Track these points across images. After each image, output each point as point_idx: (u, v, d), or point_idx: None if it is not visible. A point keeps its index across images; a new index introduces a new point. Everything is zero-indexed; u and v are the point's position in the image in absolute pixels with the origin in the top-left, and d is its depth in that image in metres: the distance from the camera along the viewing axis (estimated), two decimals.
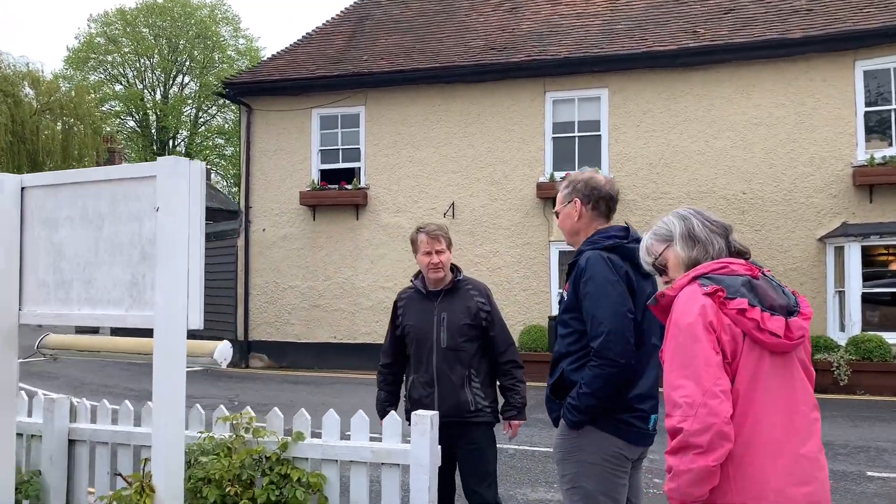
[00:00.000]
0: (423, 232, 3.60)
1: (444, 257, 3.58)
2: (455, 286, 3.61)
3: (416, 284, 3.70)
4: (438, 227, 3.66)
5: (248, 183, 14.64)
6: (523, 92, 13.11)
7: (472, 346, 3.54)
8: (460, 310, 3.55)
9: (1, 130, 28.49)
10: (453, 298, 3.60)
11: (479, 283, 3.71)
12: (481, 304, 3.58)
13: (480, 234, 13.22)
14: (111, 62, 46.01)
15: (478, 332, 3.55)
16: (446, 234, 3.65)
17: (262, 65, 15.19)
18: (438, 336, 3.54)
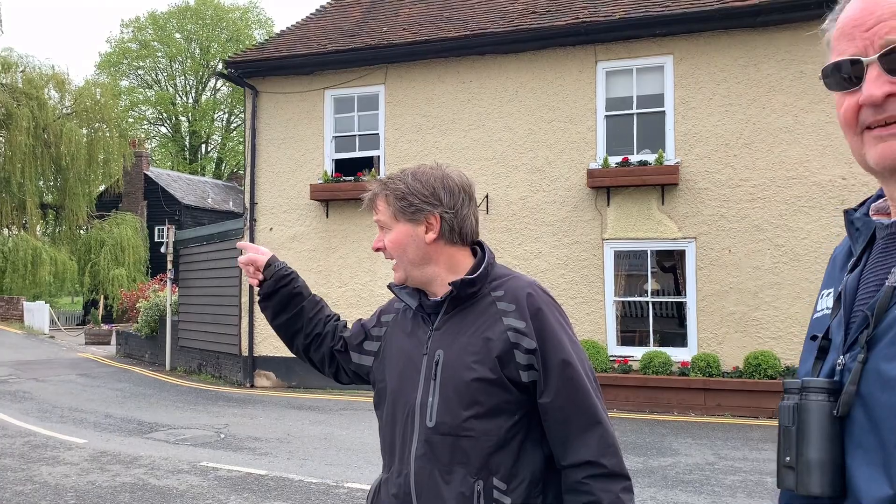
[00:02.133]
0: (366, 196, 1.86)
1: (391, 240, 1.77)
2: (467, 290, 1.71)
3: (401, 293, 1.83)
4: (385, 180, 1.81)
5: (254, 176, 12.81)
6: (570, 62, 11.02)
7: (492, 426, 1.63)
8: (472, 347, 1.66)
9: (24, 134, 27.49)
10: (465, 320, 1.71)
11: (518, 284, 1.74)
12: (516, 335, 1.65)
13: (520, 231, 11.14)
14: (143, 66, 45.22)
15: (509, 396, 1.64)
16: (398, 190, 1.75)
17: (270, 41, 13.40)
18: (424, 402, 1.69)
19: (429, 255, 1.72)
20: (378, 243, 1.77)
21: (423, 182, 1.72)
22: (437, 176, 1.74)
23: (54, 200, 30.70)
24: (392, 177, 1.77)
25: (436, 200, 1.71)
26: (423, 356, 1.71)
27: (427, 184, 1.72)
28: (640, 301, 10.86)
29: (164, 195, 32.23)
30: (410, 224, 1.72)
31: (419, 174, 1.75)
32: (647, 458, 7.37)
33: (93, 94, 31.36)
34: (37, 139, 28.47)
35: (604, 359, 10.28)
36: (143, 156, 33.52)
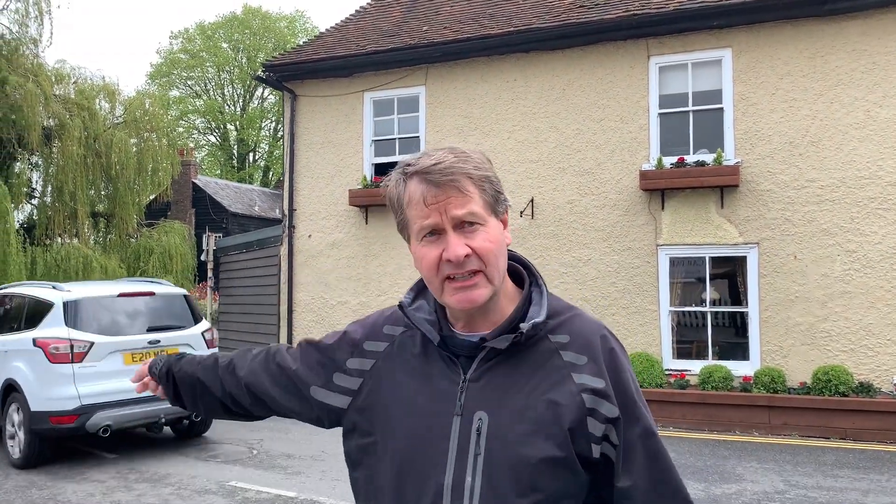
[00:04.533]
0: (413, 174, 1.26)
1: (485, 239, 1.22)
2: (531, 334, 1.25)
3: (415, 317, 1.33)
4: (456, 154, 1.27)
5: (292, 182, 12.51)
6: (621, 58, 10.42)
7: None
8: (533, 412, 1.21)
9: (77, 144, 27.92)
10: (517, 371, 1.24)
11: (590, 328, 1.29)
12: (593, 398, 1.22)
13: (567, 237, 10.56)
14: (192, 77, 45.90)
15: (576, 481, 1.22)
16: (481, 172, 1.26)
17: (308, 43, 13.10)
18: (459, 483, 1.19)
19: (503, 264, 1.28)
20: (460, 248, 1.20)
21: (489, 164, 1.29)
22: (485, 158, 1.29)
23: (105, 209, 31.11)
24: (460, 155, 1.27)
25: (503, 191, 1.29)
26: (455, 417, 1.23)
27: (491, 167, 1.29)
28: (697, 311, 10.17)
29: (212, 203, 32.47)
30: (499, 220, 1.29)
31: (485, 159, 1.30)
32: (709, 483, 6.73)
33: (143, 104, 31.74)
34: (88, 149, 28.87)
35: (658, 373, 9.62)
36: (191, 164, 33.82)
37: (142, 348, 7.95)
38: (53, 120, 28.05)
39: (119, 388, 7.54)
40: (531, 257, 10.64)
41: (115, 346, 7.78)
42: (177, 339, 8.21)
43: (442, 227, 1.22)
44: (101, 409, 7.50)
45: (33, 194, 30.62)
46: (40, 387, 7.47)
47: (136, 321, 8.15)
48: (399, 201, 1.28)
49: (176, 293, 8.81)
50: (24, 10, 28.45)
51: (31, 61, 27.99)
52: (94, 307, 7.93)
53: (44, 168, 30.44)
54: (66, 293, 7.96)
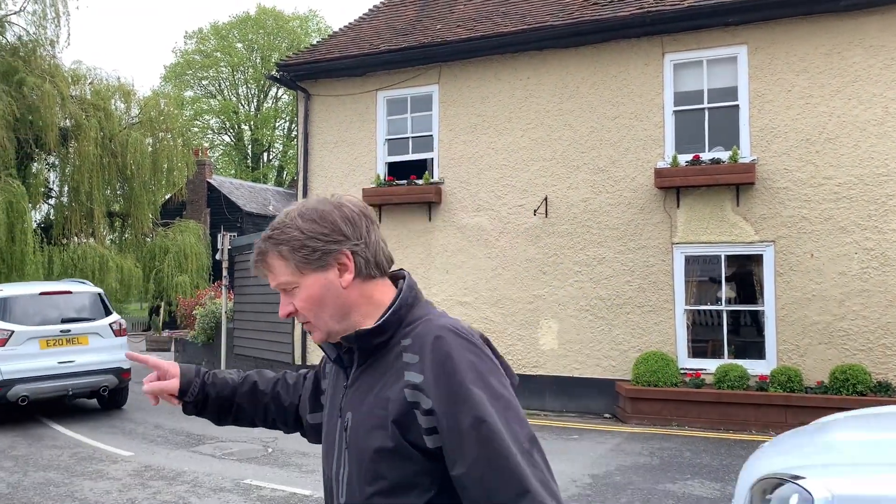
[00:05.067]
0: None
1: (302, 299, 1.47)
2: (371, 343, 1.46)
3: (323, 344, 1.56)
4: (270, 232, 1.50)
5: (307, 181, 12.54)
6: (635, 55, 10.37)
7: (403, 502, 1.36)
8: (375, 409, 1.39)
9: (93, 144, 28.14)
10: (374, 374, 1.44)
11: (427, 329, 1.42)
12: (413, 393, 1.36)
13: (581, 235, 10.52)
14: (207, 77, 46.14)
15: (416, 468, 1.35)
16: (290, 243, 1.46)
17: (322, 43, 13.12)
18: (338, 475, 1.46)
19: (348, 301, 1.46)
20: (287, 308, 1.47)
21: (317, 220, 1.45)
22: (330, 208, 1.47)
23: (120, 209, 31.35)
24: (277, 226, 1.47)
25: (340, 236, 1.45)
26: (339, 419, 1.48)
27: (324, 220, 1.45)
28: (712, 310, 10.10)
29: (227, 203, 32.64)
30: (321, 272, 1.44)
31: (309, 213, 1.46)
32: (725, 483, 6.68)
33: (158, 104, 31.98)
34: (104, 149, 29.09)
35: (674, 372, 9.57)
36: (206, 164, 34.04)
37: (54, 336, 9.87)
38: (70, 120, 28.32)
39: (34, 367, 9.55)
40: (545, 256, 10.62)
41: (32, 334, 9.68)
42: (86, 329, 10.13)
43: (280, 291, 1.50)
44: (19, 384, 9.39)
45: (50, 194, 30.92)
46: None
47: (53, 314, 10.01)
48: None
49: (91, 291, 10.73)
50: (42, 12, 28.71)
51: (48, 62, 28.27)
52: (19, 303, 9.86)
53: (60, 168, 30.75)
54: (1, 290, 10.03)
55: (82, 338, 10.14)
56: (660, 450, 8.01)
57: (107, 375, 10.22)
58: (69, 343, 10.05)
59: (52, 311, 10.05)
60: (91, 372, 10.06)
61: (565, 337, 10.53)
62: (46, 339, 9.79)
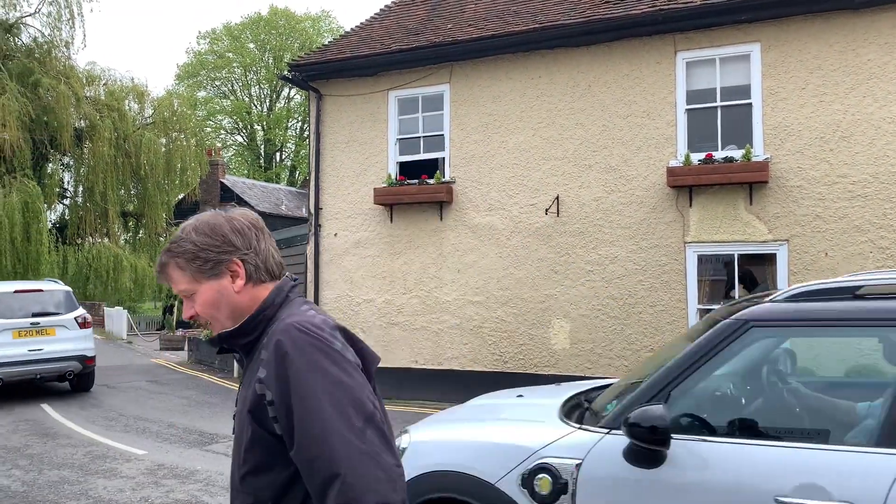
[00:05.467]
0: None
1: (201, 303, 1.66)
2: (243, 337, 1.67)
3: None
4: (169, 245, 1.70)
5: (318, 181, 12.58)
6: (647, 53, 10.32)
7: (267, 482, 1.56)
8: (245, 401, 1.61)
9: (107, 144, 28.35)
10: (249, 370, 1.66)
11: (277, 327, 1.59)
12: (260, 386, 1.54)
13: (593, 235, 10.49)
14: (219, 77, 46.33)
15: (272, 450, 1.55)
16: (187, 255, 1.65)
17: (333, 43, 13.15)
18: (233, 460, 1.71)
19: (241, 304, 1.64)
20: (189, 311, 1.67)
21: (209, 233, 1.64)
22: (221, 221, 1.66)
23: (134, 209, 31.57)
24: (175, 240, 1.67)
25: (230, 247, 1.64)
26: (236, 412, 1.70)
27: (215, 233, 1.64)
28: None
29: (240, 202, 32.73)
30: (214, 280, 1.63)
31: (202, 227, 1.65)
32: None
33: (171, 104, 32.17)
34: (118, 150, 29.29)
35: None
36: (219, 164, 34.18)
37: (25, 328, 11.35)
38: (84, 121, 28.56)
39: (7, 354, 11.02)
40: (556, 255, 10.60)
41: (5, 326, 11.13)
42: (53, 322, 11.61)
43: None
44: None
45: (65, 194, 31.20)
46: None
47: (25, 309, 11.43)
48: None
49: (60, 289, 12.22)
50: (57, 14, 28.96)
51: (62, 63, 28.50)
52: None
53: (75, 168, 31.01)
54: None
55: (50, 329, 11.56)
56: None
57: (71, 362, 11.67)
58: (38, 334, 11.45)
59: (24, 306, 11.49)
60: (57, 359, 11.51)
61: (577, 336, 10.51)
62: (18, 331, 11.26)
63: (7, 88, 25.08)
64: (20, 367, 11.21)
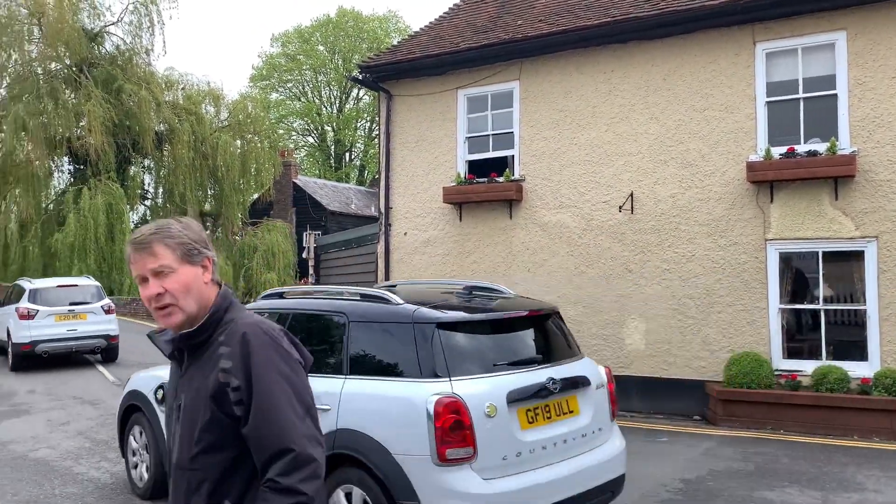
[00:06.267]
0: (129, 242, 1.94)
1: (175, 282, 1.85)
2: (193, 341, 1.90)
3: (157, 340, 2.01)
4: (155, 229, 1.90)
5: (388, 180, 12.68)
6: (725, 45, 9.99)
7: (216, 459, 1.83)
8: (200, 390, 1.85)
9: (185, 147, 29.37)
10: (199, 364, 1.89)
11: (237, 327, 1.87)
12: (225, 375, 1.81)
13: (669, 232, 10.23)
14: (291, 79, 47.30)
15: (229, 432, 1.82)
16: (176, 238, 1.88)
17: (403, 43, 13.22)
18: (172, 442, 1.95)
19: (204, 294, 1.88)
20: (156, 289, 1.82)
21: (195, 230, 1.92)
22: (197, 227, 1.94)
23: (212, 209, 32.53)
24: (162, 228, 1.88)
25: (205, 246, 1.92)
26: (173, 399, 1.95)
27: (196, 233, 1.92)
28: (809, 309, 9.64)
29: (312, 202, 33.38)
30: (193, 266, 1.86)
31: (186, 225, 1.91)
32: (827, 492, 6.35)
33: (245, 107, 33.01)
34: (196, 152, 30.24)
35: (767, 373, 9.17)
36: (292, 165, 34.88)
37: (64, 313, 14.44)
38: (164, 125, 29.61)
39: (51, 332, 14.19)
40: (631, 253, 10.40)
41: (49, 312, 14.33)
42: (85, 309, 14.62)
43: (144, 276, 1.84)
44: (41, 343, 14.17)
45: (146, 196, 32.43)
46: (17, 330, 14.20)
47: (64, 299, 14.64)
48: (128, 261, 1.92)
49: (91, 284, 15.45)
50: (138, 22, 30.11)
51: (143, 70, 29.60)
52: (42, 292, 14.61)
53: (156, 171, 32.19)
54: (32, 285, 14.87)
55: (83, 314, 14.62)
56: (755, 455, 7.70)
57: (99, 339, 14.65)
58: (74, 318, 14.55)
59: (64, 297, 14.71)
60: (88, 337, 14.58)
61: (653, 337, 10.27)
62: (59, 315, 14.39)
63: (92, 95, 26.22)
64: (60, 343, 14.33)
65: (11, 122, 25.36)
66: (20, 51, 27.40)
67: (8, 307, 15.07)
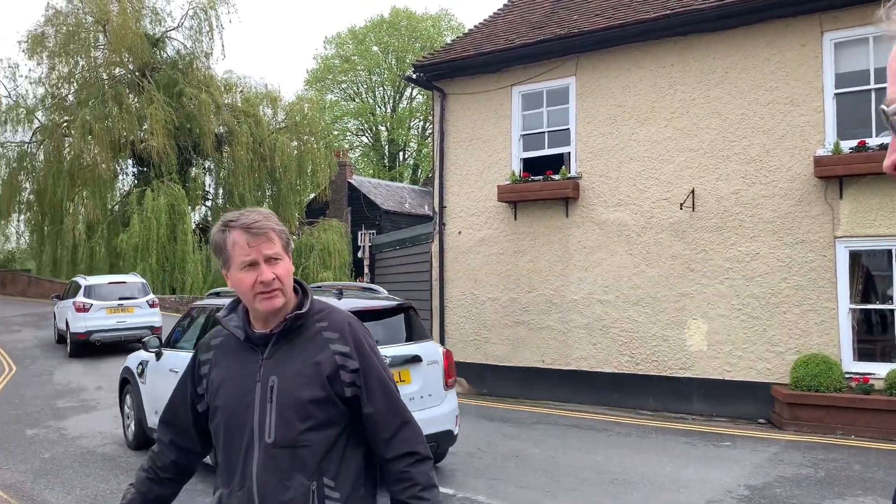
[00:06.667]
0: (238, 227, 1.97)
1: (283, 269, 1.97)
2: (297, 323, 1.99)
3: (228, 325, 2.04)
4: (263, 215, 2.00)
5: (442, 180, 12.64)
6: (790, 36, 9.63)
7: (323, 436, 1.93)
8: (304, 371, 1.93)
9: (244, 149, 29.94)
10: (293, 348, 1.97)
11: (340, 316, 2.05)
12: (342, 358, 1.96)
13: (733, 230, 9.92)
14: (345, 80, 47.77)
15: (337, 410, 1.94)
16: (280, 228, 2.01)
17: (457, 41, 13.16)
18: (262, 423, 1.92)
19: (291, 282, 2.01)
20: (269, 274, 1.92)
21: (284, 227, 2.03)
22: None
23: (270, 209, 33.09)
24: (268, 216, 1.99)
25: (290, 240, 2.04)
26: (257, 383, 1.93)
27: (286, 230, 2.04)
28: (882, 309, 9.21)
29: (366, 201, 33.65)
30: (289, 258, 2.00)
31: (279, 222, 2.04)
32: None
33: (301, 109, 33.47)
34: (254, 153, 30.79)
35: (837, 376, 8.80)
36: (347, 165, 35.23)
37: (114, 307, 16.00)
38: (223, 127, 30.23)
39: (103, 324, 15.78)
40: (692, 252, 10.13)
41: (102, 305, 15.96)
42: (132, 304, 16.19)
43: (256, 260, 1.92)
44: (95, 333, 15.72)
45: (207, 196, 33.18)
46: (74, 321, 15.80)
47: (114, 294, 16.30)
48: (223, 244, 1.96)
49: (138, 281, 17.10)
50: (198, 27, 30.82)
51: (203, 73, 30.28)
52: (97, 287, 16.26)
53: (215, 172, 32.88)
54: (87, 281, 16.55)
55: (130, 308, 16.22)
56: (824, 461, 7.39)
57: (144, 330, 15.34)
58: (122, 311, 16.14)
59: (114, 292, 16.38)
60: (135, 328, 15.94)
61: (715, 338, 9.97)
62: (110, 308, 16.04)
63: (154, 99, 26.95)
64: (110, 333, 15.95)
65: (79, 127, 26.27)
66: (87, 57, 28.35)
67: (66, 301, 16.60)
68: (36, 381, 13.42)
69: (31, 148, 28.94)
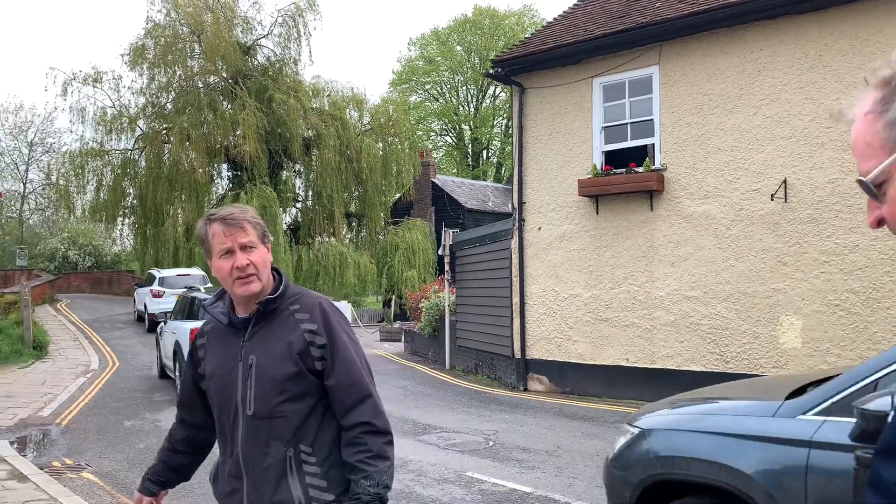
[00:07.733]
0: (216, 220, 2.21)
1: (258, 256, 2.18)
2: (271, 307, 2.21)
3: (213, 311, 2.30)
4: (240, 209, 2.25)
5: (521, 175, 12.51)
6: (890, 14, 9.00)
7: (298, 406, 2.16)
8: (278, 350, 2.17)
9: (332, 151, 30.63)
10: (270, 329, 2.21)
11: (311, 299, 2.27)
12: (311, 335, 2.17)
13: (829, 221, 9.37)
14: (429, 81, 48.14)
15: (309, 383, 2.17)
16: (255, 220, 2.24)
17: (535, 35, 13.00)
18: (244, 397, 2.18)
19: (269, 271, 2.22)
20: (244, 260, 2.14)
21: (261, 220, 2.27)
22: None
23: (356, 210, 33.72)
24: (244, 209, 2.25)
25: (268, 232, 2.29)
26: (239, 362, 2.19)
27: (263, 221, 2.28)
28: None
29: (450, 200, 33.81)
30: (266, 246, 2.22)
31: (253, 212, 2.28)
32: None
33: (386, 111, 33.94)
34: (341, 155, 31.42)
35: None
36: (430, 165, 35.50)
37: (181, 293, 15.94)
38: (311, 131, 31.00)
39: (170, 307, 15.77)
40: (785, 245, 9.64)
41: (171, 292, 18.77)
42: (196, 292, 16.44)
43: (232, 248, 2.14)
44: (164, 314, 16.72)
45: (297, 199, 34.12)
46: (151, 305, 20.11)
47: (182, 283, 19.72)
48: (205, 236, 2.19)
49: (199, 273, 20.85)
50: (287, 34, 31.73)
51: (291, 79, 31.16)
52: (168, 278, 20.60)
53: (305, 174, 33.77)
54: (160, 273, 21.08)
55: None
56: None
57: None
58: None
59: (181, 282, 19.93)
60: None
61: (811, 335, 9.44)
62: (177, 294, 17.27)
63: (247, 105, 27.91)
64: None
65: (177, 134, 27.51)
66: (184, 67, 29.67)
67: (144, 288, 21.54)
68: (136, 375, 14.14)
69: (133, 155, 30.51)
